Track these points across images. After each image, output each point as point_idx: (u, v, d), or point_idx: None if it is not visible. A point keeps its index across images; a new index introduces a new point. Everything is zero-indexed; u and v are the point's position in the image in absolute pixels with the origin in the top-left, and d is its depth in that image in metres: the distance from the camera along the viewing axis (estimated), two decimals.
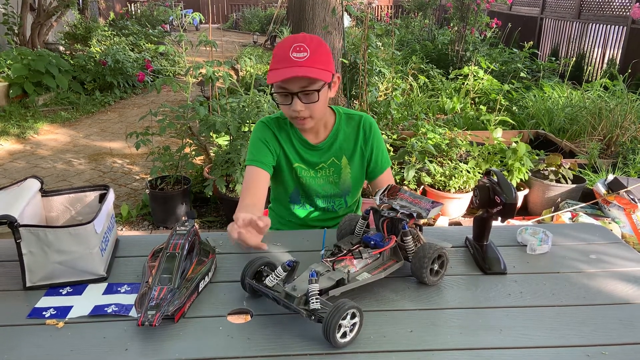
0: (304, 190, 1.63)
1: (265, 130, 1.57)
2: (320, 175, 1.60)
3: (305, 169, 1.59)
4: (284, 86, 1.39)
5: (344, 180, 1.62)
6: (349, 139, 1.60)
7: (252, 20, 16.07)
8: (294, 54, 1.35)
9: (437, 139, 3.78)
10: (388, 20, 11.36)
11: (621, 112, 4.36)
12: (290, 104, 1.40)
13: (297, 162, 1.58)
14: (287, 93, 1.40)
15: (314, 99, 1.40)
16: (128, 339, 0.99)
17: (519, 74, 6.46)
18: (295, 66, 1.35)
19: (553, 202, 3.44)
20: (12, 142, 5.12)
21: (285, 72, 1.35)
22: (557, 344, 1.00)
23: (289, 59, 1.35)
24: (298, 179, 1.60)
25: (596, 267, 1.31)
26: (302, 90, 1.38)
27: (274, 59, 1.40)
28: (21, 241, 1.11)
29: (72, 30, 9.20)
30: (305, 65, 1.35)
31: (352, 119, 1.61)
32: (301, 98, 1.39)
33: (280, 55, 1.38)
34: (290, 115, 1.45)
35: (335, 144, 1.59)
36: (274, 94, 1.44)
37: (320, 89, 1.40)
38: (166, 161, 3.37)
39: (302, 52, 1.36)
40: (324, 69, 1.38)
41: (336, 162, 1.60)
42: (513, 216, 1.24)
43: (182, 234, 1.19)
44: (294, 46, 1.36)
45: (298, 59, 1.35)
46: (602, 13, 7.29)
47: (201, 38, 3.34)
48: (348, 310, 0.95)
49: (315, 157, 1.58)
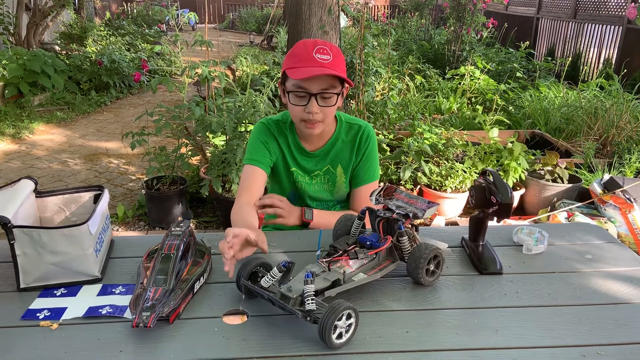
0: (299, 194, 1.62)
1: (265, 131, 1.56)
2: (315, 182, 1.60)
3: (302, 175, 1.59)
4: (304, 86, 1.38)
5: (339, 189, 1.62)
6: (346, 148, 1.58)
7: (248, 20, 16.06)
8: (318, 55, 1.35)
9: (434, 139, 3.79)
10: (384, 20, 11.37)
11: (617, 112, 4.38)
12: (306, 105, 1.39)
13: (294, 166, 1.58)
14: (305, 94, 1.38)
15: (331, 103, 1.41)
16: (122, 340, 0.99)
17: (515, 73, 6.47)
18: (322, 66, 1.35)
19: (549, 202, 3.45)
20: (8, 143, 5.10)
21: (313, 70, 1.34)
22: (553, 344, 1.00)
23: (313, 59, 1.35)
24: (294, 182, 1.60)
25: (592, 267, 1.31)
26: (322, 92, 1.38)
27: (293, 57, 1.39)
28: (15, 242, 1.10)
29: (67, 30, 9.17)
30: (330, 67, 1.35)
31: (352, 128, 1.59)
32: (318, 100, 1.39)
33: (303, 55, 1.37)
34: (302, 117, 1.42)
35: (331, 153, 1.58)
36: (289, 93, 1.41)
37: (338, 94, 1.41)
38: (162, 161, 3.36)
39: (325, 54, 1.36)
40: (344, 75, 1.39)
41: (331, 171, 1.59)
42: (509, 216, 1.24)
43: (178, 235, 1.19)
44: (317, 47, 1.36)
45: (323, 60, 1.35)
46: (598, 13, 7.31)
47: (197, 38, 3.33)
48: (344, 311, 0.94)
49: (311, 164, 1.58)
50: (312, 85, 1.37)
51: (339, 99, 1.44)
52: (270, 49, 11.24)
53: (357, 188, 1.62)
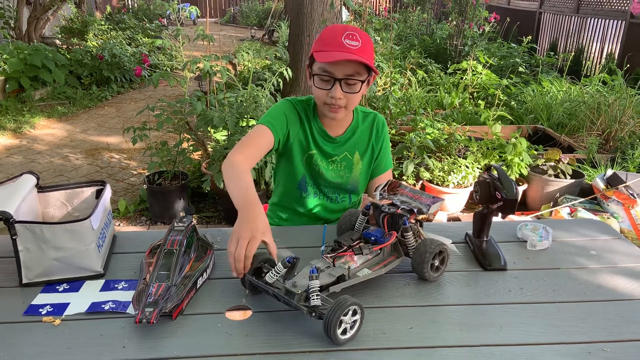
0: (312, 177, 1.62)
1: (290, 108, 1.56)
2: (332, 167, 1.60)
3: (321, 158, 1.59)
4: (330, 70, 1.38)
5: (354, 176, 1.63)
6: (364, 136, 1.62)
7: (249, 15, 16.00)
8: (346, 41, 1.36)
9: (436, 134, 3.78)
10: (386, 15, 11.32)
11: (620, 107, 4.35)
12: (330, 89, 1.40)
13: (314, 149, 1.58)
14: (330, 78, 1.39)
15: (356, 89, 1.41)
16: (125, 336, 0.98)
17: (517, 68, 6.44)
18: (349, 52, 1.35)
19: (552, 197, 3.44)
20: (9, 137, 5.09)
21: (339, 55, 1.34)
22: (557, 340, 1.00)
23: (341, 43, 1.36)
24: (310, 165, 1.60)
25: (597, 263, 1.30)
26: (347, 77, 1.38)
27: (322, 41, 1.40)
28: (17, 237, 1.09)
29: (68, 24, 9.12)
30: (357, 54, 1.36)
31: (367, 116, 1.63)
32: (342, 86, 1.39)
33: (331, 39, 1.37)
34: (325, 101, 1.43)
35: (351, 140, 1.60)
36: (315, 76, 1.42)
37: (363, 81, 1.41)
38: (164, 156, 3.35)
39: (354, 40, 1.36)
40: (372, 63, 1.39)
41: (349, 157, 1.61)
42: (514, 212, 1.23)
43: (180, 230, 1.18)
44: (346, 33, 1.37)
45: (351, 46, 1.35)
46: (601, 7, 7.28)
47: (198, 32, 3.31)
48: (350, 306, 0.94)
49: (331, 149, 1.59)
50: (337, 70, 1.38)
51: (364, 87, 1.45)
52: (272, 44, 11.21)
53: (377, 177, 1.67)
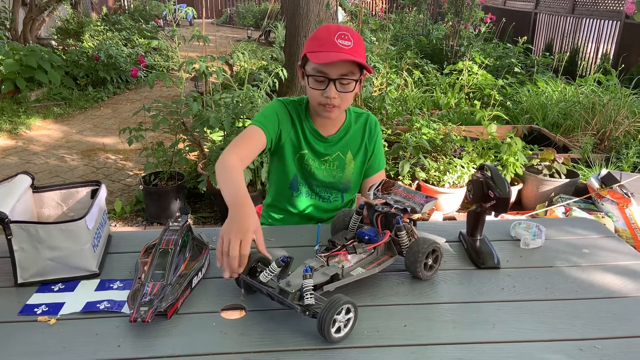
0: (304, 176, 1.63)
1: (282, 108, 1.57)
2: (324, 167, 1.61)
3: (312, 158, 1.60)
4: (324, 70, 1.39)
5: (346, 175, 1.64)
6: (357, 135, 1.63)
7: (246, 15, 15.98)
8: (339, 41, 1.37)
9: (432, 134, 3.79)
10: (382, 15, 11.34)
11: (614, 107, 4.38)
12: (325, 90, 1.41)
13: (306, 149, 1.59)
14: (324, 78, 1.40)
15: (350, 89, 1.43)
16: (120, 335, 0.99)
17: (513, 69, 6.47)
18: (342, 52, 1.36)
19: (547, 197, 3.45)
20: (4, 138, 5.08)
21: (333, 56, 1.36)
22: (550, 337, 1.01)
23: (334, 43, 1.37)
24: (302, 165, 1.60)
25: (589, 261, 1.31)
26: (341, 77, 1.39)
27: (315, 41, 1.41)
28: (12, 237, 1.10)
29: (64, 25, 9.11)
30: (351, 53, 1.37)
31: (360, 116, 1.64)
32: (337, 85, 1.40)
33: (325, 39, 1.38)
34: (320, 101, 1.44)
35: (344, 139, 1.61)
36: (309, 77, 1.43)
37: (357, 80, 1.42)
38: (160, 157, 3.35)
39: (347, 40, 1.38)
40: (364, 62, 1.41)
41: (341, 157, 1.61)
42: (507, 211, 1.24)
43: (175, 230, 1.18)
44: (339, 33, 1.38)
45: (344, 46, 1.37)
46: (596, 8, 7.31)
47: (194, 33, 3.32)
48: (343, 305, 0.95)
49: (323, 148, 1.59)
50: (331, 71, 1.39)
51: (357, 86, 1.46)
52: (268, 44, 11.20)
53: (370, 177, 1.67)
